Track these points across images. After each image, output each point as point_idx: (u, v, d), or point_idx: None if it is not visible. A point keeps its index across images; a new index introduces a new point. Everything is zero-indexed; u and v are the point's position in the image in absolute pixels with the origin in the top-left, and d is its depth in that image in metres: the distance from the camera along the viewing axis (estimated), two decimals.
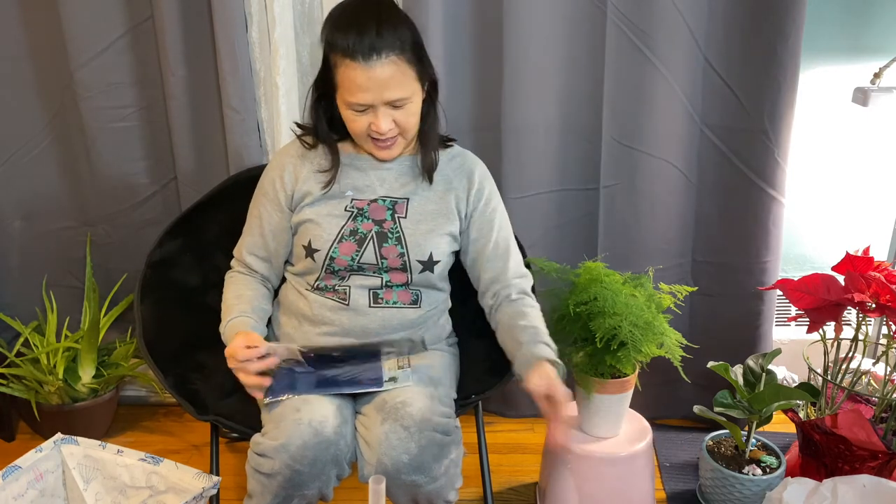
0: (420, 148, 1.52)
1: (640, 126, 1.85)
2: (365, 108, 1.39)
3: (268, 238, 1.52)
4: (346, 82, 1.37)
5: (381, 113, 1.39)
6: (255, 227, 1.53)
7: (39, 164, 2.00)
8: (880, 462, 1.61)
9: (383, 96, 1.37)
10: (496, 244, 1.53)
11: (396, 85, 1.37)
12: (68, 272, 2.10)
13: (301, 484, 1.28)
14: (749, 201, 1.88)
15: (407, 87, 1.39)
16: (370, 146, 1.46)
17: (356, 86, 1.36)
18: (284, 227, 1.52)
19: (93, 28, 1.84)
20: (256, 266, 1.54)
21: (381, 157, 1.48)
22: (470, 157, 1.58)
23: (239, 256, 1.56)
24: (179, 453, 2.03)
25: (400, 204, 1.50)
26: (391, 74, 1.35)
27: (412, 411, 1.31)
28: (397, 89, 1.37)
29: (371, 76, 1.34)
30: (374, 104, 1.38)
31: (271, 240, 1.52)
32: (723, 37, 1.80)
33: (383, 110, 1.39)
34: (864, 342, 1.70)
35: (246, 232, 1.56)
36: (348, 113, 1.42)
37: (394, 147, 1.46)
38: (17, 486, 1.37)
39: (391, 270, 1.47)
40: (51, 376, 1.96)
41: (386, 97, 1.37)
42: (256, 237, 1.53)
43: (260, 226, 1.53)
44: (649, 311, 1.52)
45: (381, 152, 1.47)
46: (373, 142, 1.44)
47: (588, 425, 1.66)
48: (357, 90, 1.36)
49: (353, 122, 1.42)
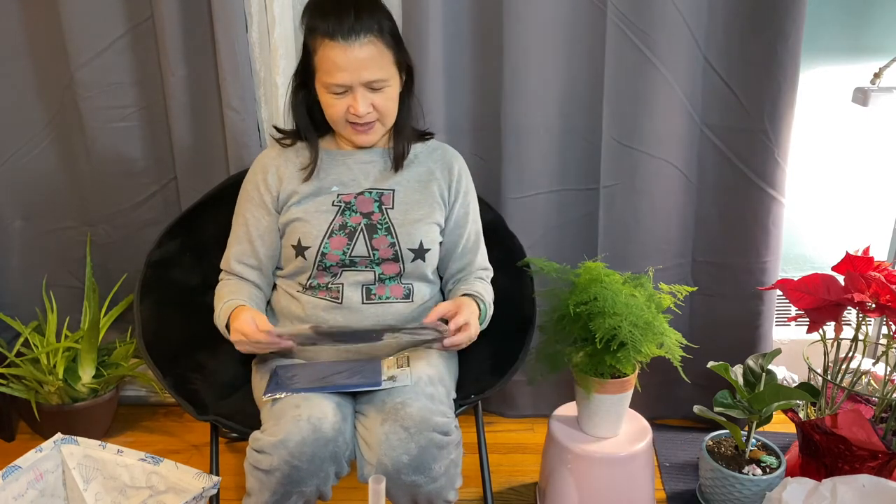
0: (393, 136, 1.55)
1: (640, 126, 1.85)
2: (343, 91, 1.42)
3: (256, 244, 1.52)
4: (326, 64, 1.41)
5: (359, 94, 1.42)
6: (241, 235, 1.53)
7: (39, 164, 2.00)
8: (880, 462, 1.61)
9: (361, 77, 1.40)
10: (468, 238, 1.58)
11: (375, 66, 1.41)
12: (68, 272, 2.10)
13: (299, 480, 1.28)
14: (749, 201, 1.88)
15: (385, 70, 1.42)
16: (348, 131, 1.48)
17: (335, 66, 1.40)
18: (273, 229, 1.53)
19: (93, 28, 1.84)
20: (247, 274, 1.54)
21: (359, 142, 1.50)
22: (450, 150, 1.63)
23: (227, 267, 1.55)
24: (179, 453, 2.03)
25: (386, 195, 1.51)
26: (369, 55, 1.39)
27: (412, 411, 1.31)
28: (376, 70, 1.41)
29: (350, 56, 1.38)
30: (353, 85, 1.41)
31: (260, 245, 1.53)
32: (723, 37, 1.80)
33: (361, 92, 1.42)
34: (864, 342, 1.70)
35: (232, 242, 1.56)
36: (327, 97, 1.44)
37: (371, 132, 1.48)
38: (17, 486, 1.37)
39: (383, 262, 1.48)
40: (51, 376, 1.96)
41: (364, 78, 1.40)
42: (244, 245, 1.53)
43: (247, 232, 1.53)
44: (649, 311, 1.52)
45: (359, 137, 1.48)
46: (351, 126, 1.47)
47: (588, 425, 1.66)
48: (336, 70, 1.40)
49: (332, 107, 1.45)
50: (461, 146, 1.74)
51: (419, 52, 1.75)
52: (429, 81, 1.80)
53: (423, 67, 1.76)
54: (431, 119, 1.79)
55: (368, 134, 1.48)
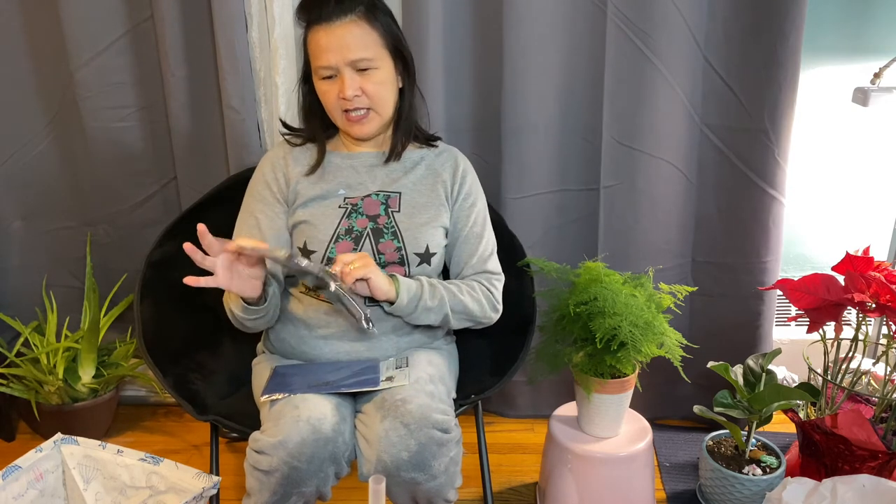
0: (392, 129, 1.55)
1: (640, 126, 1.85)
2: (332, 75, 1.44)
3: (271, 244, 1.49)
4: (315, 49, 1.43)
5: (346, 75, 1.43)
6: (254, 236, 1.48)
7: (39, 164, 2.00)
8: (880, 462, 1.61)
9: (346, 56, 1.41)
10: (466, 239, 1.56)
11: (359, 45, 1.42)
12: (68, 272, 2.10)
13: (299, 481, 1.28)
14: (749, 201, 1.88)
15: (370, 49, 1.43)
16: (343, 121, 1.48)
17: (321, 48, 1.42)
18: (286, 226, 1.52)
19: (93, 28, 1.85)
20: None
21: (354, 132, 1.49)
22: (456, 151, 1.62)
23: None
24: (179, 453, 2.03)
25: (393, 198, 1.51)
26: (352, 34, 1.41)
27: (412, 408, 1.31)
28: (360, 49, 1.42)
29: (332, 36, 1.40)
30: (339, 66, 1.42)
31: (274, 244, 1.50)
32: (723, 37, 1.80)
33: (348, 73, 1.43)
34: (864, 342, 1.70)
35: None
36: (320, 86, 1.46)
37: (366, 122, 1.48)
38: (17, 486, 1.37)
39: (389, 265, 1.48)
40: (51, 376, 1.96)
41: (348, 57, 1.41)
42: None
43: (260, 233, 1.50)
44: (649, 311, 1.52)
45: (353, 127, 1.48)
46: (344, 115, 1.47)
47: (588, 425, 1.66)
48: (322, 53, 1.42)
49: (325, 95, 1.46)
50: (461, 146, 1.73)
51: (419, 52, 1.75)
52: (429, 81, 1.80)
53: (423, 67, 1.76)
54: (431, 119, 1.79)
55: (363, 124, 1.48)
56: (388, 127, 1.55)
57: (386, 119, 1.51)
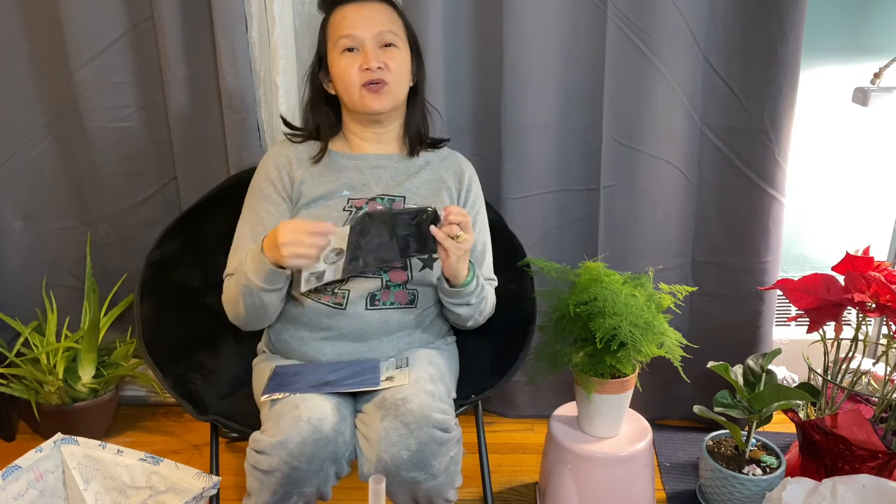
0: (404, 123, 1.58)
1: (640, 126, 1.85)
2: (354, 47, 1.47)
3: None
4: (339, 24, 1.48)
5: (370, 48, 1.46)
6: (259, 234, 1.45)
7: (39, 164, 2.00)
8: (880, 462, 1.61)
9: (373, 28, 1.46)
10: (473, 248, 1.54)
11: (387, 20, 1.48)
12: (68, 272, 2.10)
13: (299, 481, 1.28)
14: (749, 201, 1.88)
15: (397, 27, 1.49)
16: (363, 95, 1.48)
17: (347, 22, 1.47)
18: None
19: (93, 28, 1.84)
20: None
21: (371, 105, 1.49)
22: (460, 157, 1.63)
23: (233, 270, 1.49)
24: (179, 453, 2.03)
25: (398, 202, 1.50)
26: (382, 11, 1.49)
27: (412, 408, 1.31)
28: (388, 23, 1.48)
29: (361, 10, 1.48)
30: (363, 38, 1.46)
31: None
32: (723, 37, 1.80)
33: (373, 46, 1.46)
34: (864, 342, 1.70)
35: (242, 243, 1.50)
36: (341, 60, 1.48)
37: (383, 95, 1.49)
38: (17, 486, 1.37)
39: (391, 269, 1.48)
40: (51, 376, 1.96)
41: (375, 28, 1.46)
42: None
43: (264, 230, 1.46)
44: (649, 311, 1.52)
45: (370, 99, 1.48)
46: (365, 89, 1.48)
47: (588, 425, 1.66)
48: (348, 25, 1.46)
49: (346, 70, 1.48)
50: (461, 146, 1.74)
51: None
52: (429, 81, 1.79)
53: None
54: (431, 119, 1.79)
55: (381, 95, 1.48)
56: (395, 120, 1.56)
57: (398, 102, 1.52)
